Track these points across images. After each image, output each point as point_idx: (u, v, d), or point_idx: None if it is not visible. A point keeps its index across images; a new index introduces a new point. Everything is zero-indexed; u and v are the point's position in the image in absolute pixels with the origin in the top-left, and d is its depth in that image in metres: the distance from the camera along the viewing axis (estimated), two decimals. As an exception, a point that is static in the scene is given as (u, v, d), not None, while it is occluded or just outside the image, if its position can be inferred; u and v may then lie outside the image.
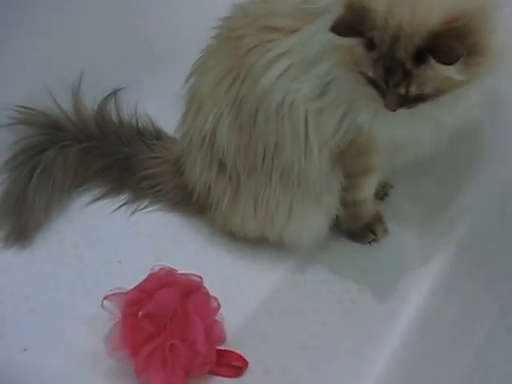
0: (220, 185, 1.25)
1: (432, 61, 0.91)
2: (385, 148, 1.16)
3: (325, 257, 1.32)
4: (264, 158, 1.18)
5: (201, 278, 1.17)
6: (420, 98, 0.98)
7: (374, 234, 1.34)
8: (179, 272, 1.18)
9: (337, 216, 1.28)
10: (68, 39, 1.46)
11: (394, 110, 0.99)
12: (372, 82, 0.99)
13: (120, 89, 1.47)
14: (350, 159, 1.18)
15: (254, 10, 1.16)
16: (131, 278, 1.15)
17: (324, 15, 1.04)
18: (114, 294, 1.13)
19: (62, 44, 1.45)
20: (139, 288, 1.14)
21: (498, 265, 1.15)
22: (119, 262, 1.31)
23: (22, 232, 1.32)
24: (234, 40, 1.16)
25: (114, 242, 1.35)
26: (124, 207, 1.39)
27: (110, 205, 1.40)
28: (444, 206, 1.36)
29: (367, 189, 1.27)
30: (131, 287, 1.14)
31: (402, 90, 0.96)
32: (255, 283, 1.29)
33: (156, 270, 1.17)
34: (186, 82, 1.28)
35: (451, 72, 0.92)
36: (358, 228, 1.33)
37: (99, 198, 1.40)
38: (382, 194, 1.41)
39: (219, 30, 1.23)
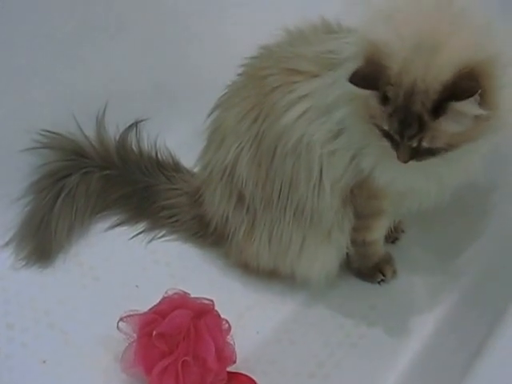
0: (237, 216, 1.34)
1: (453, 106, 0.99)
2: (391, 194, 1.25)
3: (334, 293, 1.41)
4: (280, 194, 1.27)
5: (212, 301, 1.26)
6: (430, 152, 1.06)
7: (383, 275, 1.43)
8: (191, 296, 1.27)
9: (347, 256, 1.38)
10: (95, 70, 1.58)
11: (406, 162, 1.07)
12: (386, 135, 1.07)
13: (142, 120, 1.57)
14: (362, 201, 1.28)
15: (280, 53, 1.26)
16: (147, 302, 1.25)
17: (344, 65, 1.13)
18: (129, 316, 1.23)
19: (89, 74, 1.57)
20: (153, 310, 1.24)
21: (496, 310, 1.20)
22: (136, 286, 1.41)
23: (44, 253, 1.43)
24: (259, 79, 1.26)
25: (131, 267, 1.45)
26: (142, 235, 1.49)
27: (128, 231, 1.50)
28: (451, 253, 1.46)
29: (378, 230, 1.36)
30: (146, 310, 1.25)
31: (415, 143, 1.04)
32: (266, 314, 1.38)
33: (169, 293, 1.27)
34: (209, 115, 1.38)
35: (471, 109, 0.99)
36: (367, 268, 1.43)
37: (118, 225, 1.51)
38: (393, 238, 1.50)
39: (245, 68, 1.33)
